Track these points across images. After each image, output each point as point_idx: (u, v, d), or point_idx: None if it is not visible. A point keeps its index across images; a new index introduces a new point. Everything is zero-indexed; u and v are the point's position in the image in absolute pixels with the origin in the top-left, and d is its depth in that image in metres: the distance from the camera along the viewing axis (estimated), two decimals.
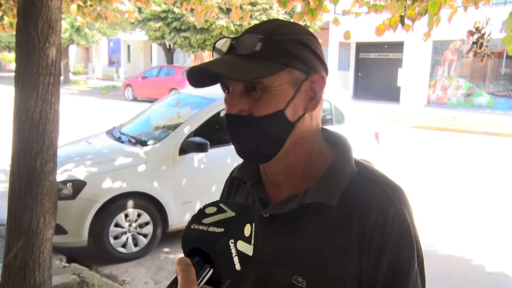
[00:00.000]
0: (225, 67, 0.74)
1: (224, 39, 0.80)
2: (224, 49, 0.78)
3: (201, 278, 0.59)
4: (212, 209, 0.64)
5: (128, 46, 30.79)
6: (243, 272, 0.62)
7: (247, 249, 0.62)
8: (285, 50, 0.76)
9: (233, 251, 0.60)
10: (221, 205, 0.65)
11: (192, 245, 0.61)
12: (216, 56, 0.80)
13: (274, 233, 0.80)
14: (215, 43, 0.82)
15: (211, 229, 0.60)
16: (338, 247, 0.76)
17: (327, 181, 0.79)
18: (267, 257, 0.79)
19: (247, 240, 0.62)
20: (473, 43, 2.90)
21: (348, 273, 0.75)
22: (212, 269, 0.60)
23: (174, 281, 0.58)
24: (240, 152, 0.81)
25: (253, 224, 0.63)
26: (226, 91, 0.80)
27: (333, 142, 0.86)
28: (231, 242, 0.60)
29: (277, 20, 0.83)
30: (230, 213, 0.63)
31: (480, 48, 2.85)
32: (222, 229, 0.60)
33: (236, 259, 0.60)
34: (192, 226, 0.62)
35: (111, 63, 23.11)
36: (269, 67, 0.75)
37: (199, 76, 0.79)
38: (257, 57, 0.75)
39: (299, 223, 0.79)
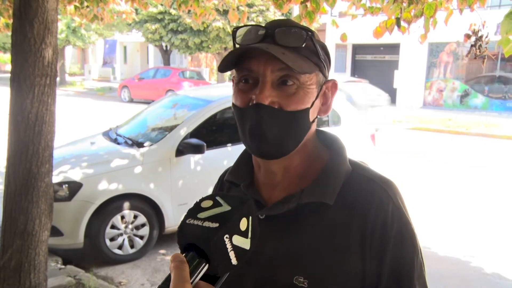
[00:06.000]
0: (282, 56, 0.72)
1: (251, 27, 0.79)
2: (258, 36, 0.77)
3: (196, 274, 0.58)
4: (208, 203, 0.63)
5: (125, 47, 30.73)
6: (240, 266, 0.61)
7: (243, 243, 0.61)
8: (318, 52, 0.78)
9: (229, 246, 0.59)
10: (218, 198, 0.64)
11: (187, 241, 0.60)
12: (242, 41, 0.78)
13: (272, 234, 0.80)
14: (236, 29, 0.80)
15: (206, 224, 0.59)
16: (339, 245, 0.76)
17: (323, 181, 0.80)
18: (266, 258, 0.79)
19: (244, 234, 0.61)
20: (472, 45, 2.90)
21: (351, 271, 0.75)
22: (208, 264, 0.59)
23: (168, 279, 0.57)
24: (259, 145, 0.77)
25: (250, 217, 0.62)
26: (242, 81, 0.78)
27: (327, 143, 0.87)
28: (226, 237, 0.59)
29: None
30: (225, 207, 0.62)
31: (479, 50, 2.86)
32: (217, 224, 0.59)
33: (232, 254, 0.60)
34: (187, 221, 0.61)
35: (104, 63, 23.18)
36: (310, 65, 0.77)
37: (231, 60, 0.76)
38: (298, 52, 0.76)
39: (297, 223, 0.79)
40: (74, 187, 3.67)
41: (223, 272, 0.61)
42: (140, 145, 4.12)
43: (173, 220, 4.04)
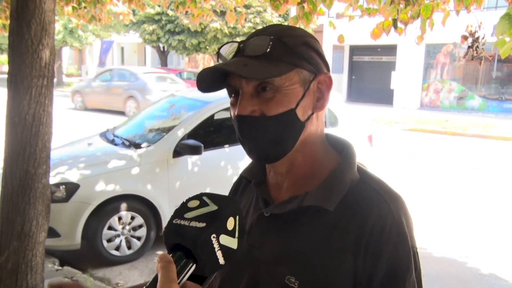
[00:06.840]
0: (240, 67, 0.74)
1: (229, 44, 0.81)
2: (232, 52, 0.80)
3: (183, 274, 0.58)
4: (195, 203, 0.63)
5: (122, 49, 30.71)
6: (228, 266, 0.62)
7: (231, 242, 0.61)
8: (293, 51, 0.78)
9: (216, 245, 0.59)
10: (204, 198, 0.64)
11: (174, 241, 0.60)
12: (222, 60, 0.81)
13: (274, 232, 0.82)
14: (219, 49, 0.83)
15: (193, 224, 0.59)
16: (335, 249, 0.76)
17: (328, 186, 0.80)
18: (265, 255, 0.81)
19: (231, 233, 0.61)
20: (469, 47, 2.91)
21: (343, 275, 0.75)
22: (195, 264, 0.59)
23: (155, 279, 0.56)
24: (252, 153, 0.81)
25: (237, 217, 0.62)
26: (232, 95, 0.81)
27: (338, 148, 0.87)
28: (213, 237, 0.59)
29: (280, 24, 0.85)
30: (212, 207, 0.62)
31: (476, 51, 2.87)
32: (204, 224, 0.59)
33: (219, 254, 0.60)
34: (174, 221, 0.61)
35: (100, 63, 23.38)
36: (281, 67, 0.76)
37: (208, 80, 0.79)
38: (268, 58, 0.76)
39: (297, 224, 0.80)
40: (71, 188, 3.66)
41: (211, 272, 0.61)
42: (137, 146, 4.12)
43: None
